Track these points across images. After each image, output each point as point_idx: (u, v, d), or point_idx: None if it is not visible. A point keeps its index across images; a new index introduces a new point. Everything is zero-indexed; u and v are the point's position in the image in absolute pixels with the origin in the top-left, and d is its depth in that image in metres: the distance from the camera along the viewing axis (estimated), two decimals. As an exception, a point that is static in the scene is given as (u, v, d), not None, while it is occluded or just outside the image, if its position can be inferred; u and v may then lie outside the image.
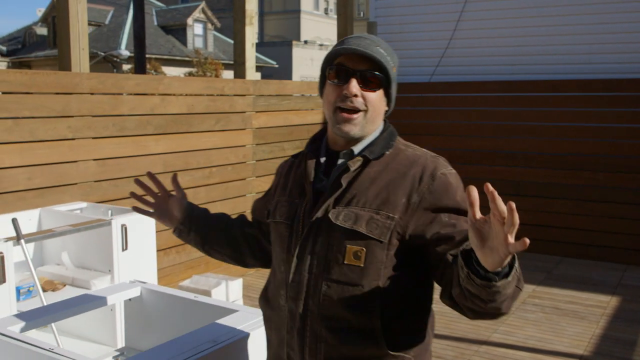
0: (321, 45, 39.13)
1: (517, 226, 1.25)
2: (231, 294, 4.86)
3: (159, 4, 32.63)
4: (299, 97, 6.78)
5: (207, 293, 4.68)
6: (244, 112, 6.00)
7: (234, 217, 2.07)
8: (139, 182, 2.00)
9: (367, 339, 1.59)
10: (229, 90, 5.83)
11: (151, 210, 2.03)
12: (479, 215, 1.34)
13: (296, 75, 35.36)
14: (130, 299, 2.59)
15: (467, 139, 7.29)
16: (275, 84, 6.50)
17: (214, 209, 5.94)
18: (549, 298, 5.52)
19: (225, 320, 2.16)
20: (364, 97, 1.62)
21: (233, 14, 5.97)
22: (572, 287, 5.84)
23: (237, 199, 5.99)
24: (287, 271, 1.68)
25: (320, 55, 38.45)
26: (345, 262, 1.60)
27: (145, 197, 2.03)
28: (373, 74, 1.61)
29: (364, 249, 1.58)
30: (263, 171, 6.28)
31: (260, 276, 6.13)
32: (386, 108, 1.70)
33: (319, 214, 1.64)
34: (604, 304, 5.40)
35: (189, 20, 29.43)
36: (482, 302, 1.42)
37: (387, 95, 1.67)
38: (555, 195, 6.88)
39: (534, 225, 6.98)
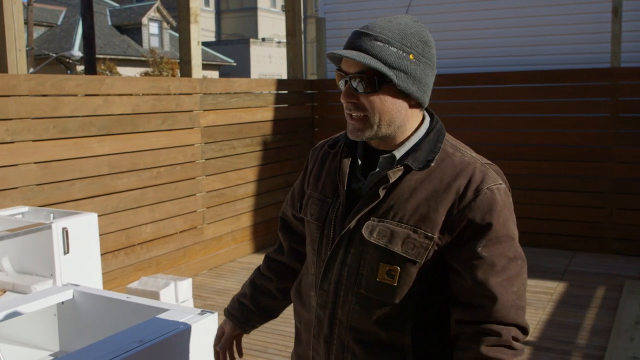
0: (279, 42, 39.04)
1: None
2: (180, 295, 4.83)
3: (113, 3, 32.15)
4: (248, 95, 6.76)
5: (155, 294, 4.65)
6: (191, 110, 5.96)
7: (261, 268, 1.98)
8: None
9: (396, 355, 1.55)
10: (174, 89, 5.78)
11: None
12: None
13: (255, 72, 35.24)
14: (62, 302, 2.56)
15: (418, 133, 7.35)
16: (223, 82, 6.47)
17: (163, 209, 5.89)
18: (498, 286, 5.61)
19: (154, 320, 2.15)
20: (365, 101, 1.48)
21: (177, 12, 5.92)
22: (521, 275, 5.95)
23: (186, 199, 5.95)
24: (318, 275, 1.62)
25: (278, 53, 38.39)
26: (378, 279, 1.52)
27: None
28: (364, 76, 1.45)
29: (399, 268, 1.50)
30: (213, 170, 6.25)
31: (212, 276, 6.10)
32: (408, 102, 1.50)
33: (352, 224, 1.53)
34: (551, 290, 5.51)
35: (144, 20, 29.08)
36: None
37: (402, 89, 1.46)
38: (504, 185, 6.99)
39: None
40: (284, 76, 37.89)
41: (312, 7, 35.36)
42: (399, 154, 1.53)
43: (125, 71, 25.94)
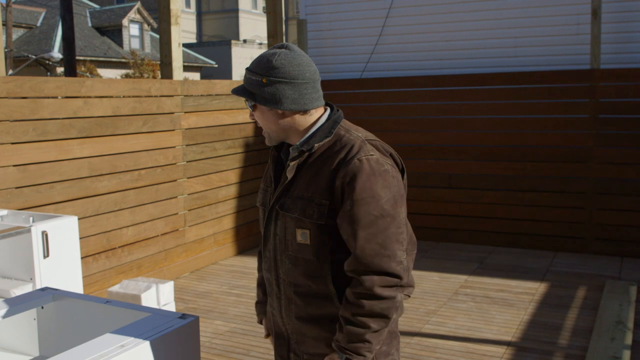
0: (260, 44, 38.97)
1: None
2: (162, 298, 4.79)
3: (93, 4, 31.90)
4: (230, 97, 6.73)
5: (137, 298, 4.60)
6: (173, 112, 5.92)
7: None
8: None
9: (326, 301, 1.90)
10: (155, 91, 5.74)
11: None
12: None
13: (236, 74, 35.13)
14: (42, 307, 2.52)
15: (398, 134, 7.37)
16: (204, 84, 6.43)
17: (144, 212, 5.85)
18: (480, 287, 5.64)
19: (135, 324, 2.12)
20: (255, 118, 1.97)
21: (158, 14, 5.88)
22: (503, 275, 5.99)
23: (168, 201, 5.90)
24: (263, 247, 2.05)
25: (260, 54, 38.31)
26: (297, 241, 1.90)
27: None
28: (246, 102, 1.94)
29: (308, 230, 1.86)
30: (194, 172, 6.21)
31: (194, 278, 6.06)
32: (276, 112, 1.90)
33: (273, 202, 1.96)
34: (533, 290, 5.55)
35: (125, 21, 28.88)
36: None
37: (262, 105, 1.90)
38: (485, 186, 7.03)
39: (466, 216, 7.12)
40: (266, 78, 37.79)
41: (294, 9, 35.34)
42: (299, 143, 1.93)
43: (105, 73, 25.74)
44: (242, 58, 36.26)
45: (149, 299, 4.66)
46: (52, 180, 4.83)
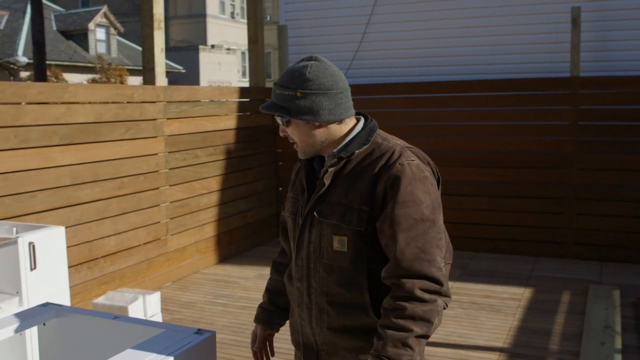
0: (228, 49, 38.76)
1: None
2: (149, 309, 4.69)
3: (58, 8, 31.34)
4: (211, 103, 6.65)
5: (124, 310, 4.49)
6: (155, 119, 5.81)
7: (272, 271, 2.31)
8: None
9: (360, 311, 1.88)
10: (138, 97, 5.63)
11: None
12: None
13: (204, 80, 34.86)
14: (44, 324, 2.42)
15: (381, 140, 7.34)
16: (186, 90, 6.34)
17: (127, 221, 5.72)
18: (465, 294, 5.65)
19: (152, 340, 2.04)
20: (288, 133, 1.94)
21: (141, 18, 5.77)
22: (487, 281, 6.01)
23: (151, 209, 5.79)
24: (294, 256, 2.01)
25: (228, 60, 38.11)
26: (334, 249, 1.89)
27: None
28: (278, 118, 1.91)
29: (346, 237, 1.86)
30: (177, 180, 6.11)
31: (177, 288, 5.96)
32: (313, 124, 1.89)
33: (308, 209, 1.94)
34: (519, 295, 5.58)
35: (91, 25, 28.42)
36: None
37: (298, 120, 1.88)
38: (466, 192, 7.07)
39: (448, 222, 7.12)
40: (234, 83, 37.63)
41: (270, 14, 35.25)
42: (336, 151, 1.92)
43: (71, 77, 25.28)
44: (210, 63, 36.02)
45: (136, 311, 4.56)
46: (34, 189, 4.69)
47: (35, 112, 4.70)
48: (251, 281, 6.09)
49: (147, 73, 5.78)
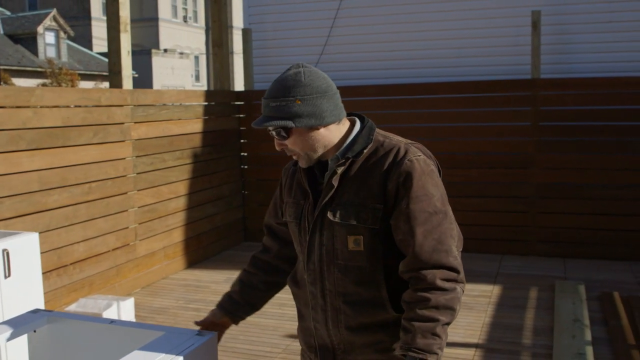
0: (181, 53, 38.38)
1: None
2: (123, 315, 4.62)
3: (5, 11, 30.52)
4: (178, 107, 6.58)
5: (98, 316, 4.41)
6: (123, 123, 5.73)
7: (247, 266, 2.27)
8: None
9: (378, 307, 1.90)
10: (105, 100, 5.53)
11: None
12: None
13: (157, 84, 34.42)
14: (35, 331, 2.36)
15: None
16: (153, 93, 6.26)
17: (95, 226, 5.61)
18: (437, 292, 5.72)
19: (156, 342, 2.02)
20: (288, 144, 1.90)
21: (107, 21, 5.68)
22: (457, 280, 6.09)
23: (119, 215, 5.69)
24: (304, 260, 1.99)
25: (181, 64, 37.70)
26: (349, 249, 1.90)
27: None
28: (275, 130, 1.87)
29: (362, 236, 1.87)
30: (145, 184, 6.02)
31: (147, 294, 5.87)
32: (317, 129, 1.87)
33: (318, 212, 1.93)
34: (488, 293, 5.69)
35: (40, 29, 27.76)
36: None
37: (302, 127, 1.85)
38: (433, 193, 7.14)
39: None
40: (188, 88, 37.23)
41: (230, 18, 34.94)
42: (339, 152, 1.93)
43: (20, 82, 24.65)
44: (162, 67, 35.59)
45: (110, 317, 4.47)
46: (1, 195, 4.57)
47: (1, 117, 4.58)
48: (221, 285, 6.05)
49: (114, 76, 5.69)
